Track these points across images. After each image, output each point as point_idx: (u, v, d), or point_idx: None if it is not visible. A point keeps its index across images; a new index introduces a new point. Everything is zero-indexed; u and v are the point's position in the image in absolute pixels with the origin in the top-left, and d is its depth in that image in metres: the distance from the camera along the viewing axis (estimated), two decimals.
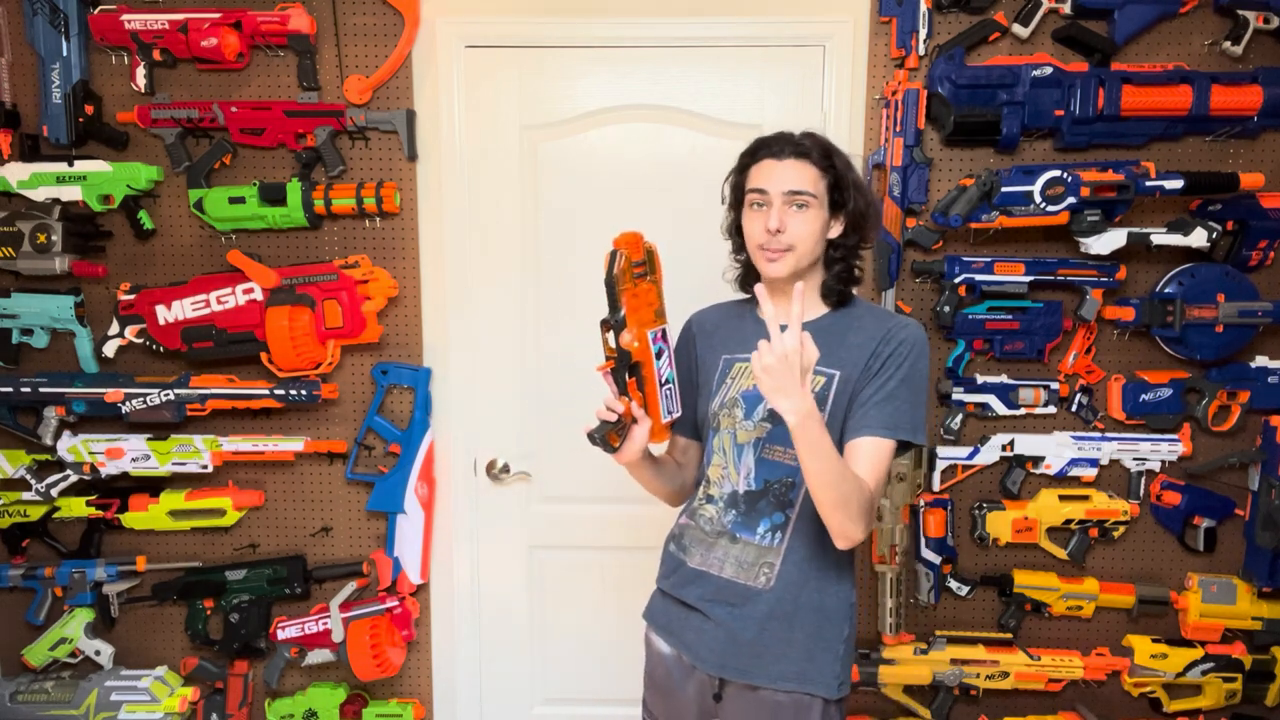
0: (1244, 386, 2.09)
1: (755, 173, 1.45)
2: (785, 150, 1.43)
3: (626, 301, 1.37)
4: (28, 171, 2.04)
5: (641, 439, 1.43)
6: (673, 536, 1.59)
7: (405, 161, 2.14)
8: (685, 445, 1.63)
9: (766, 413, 1.45)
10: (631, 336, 1.38)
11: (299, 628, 2.15)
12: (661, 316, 1.44)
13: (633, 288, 1.38)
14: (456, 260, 2.18)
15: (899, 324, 1.44)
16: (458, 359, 2.21)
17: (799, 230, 1.41)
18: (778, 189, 1.41)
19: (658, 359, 1.42)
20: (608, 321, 1.39)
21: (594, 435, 1.40)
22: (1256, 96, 1.98)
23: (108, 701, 2.12)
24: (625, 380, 1.41)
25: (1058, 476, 2.14)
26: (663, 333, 1.44)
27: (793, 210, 1.41)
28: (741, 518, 1.46)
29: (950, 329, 2.09)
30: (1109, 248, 2.00)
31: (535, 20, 2.12)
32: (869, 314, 1.49)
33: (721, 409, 1.50)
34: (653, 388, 1.42)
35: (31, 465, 2.15)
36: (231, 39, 2.03)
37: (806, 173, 1.42)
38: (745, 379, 1.49)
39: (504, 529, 2.28)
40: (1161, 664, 2.14)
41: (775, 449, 1.44)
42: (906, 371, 1.40)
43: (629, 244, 1.38)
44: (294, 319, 2.04)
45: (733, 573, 1.45)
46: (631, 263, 1.38)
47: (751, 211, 1.45)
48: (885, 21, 2.05)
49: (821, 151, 1.44)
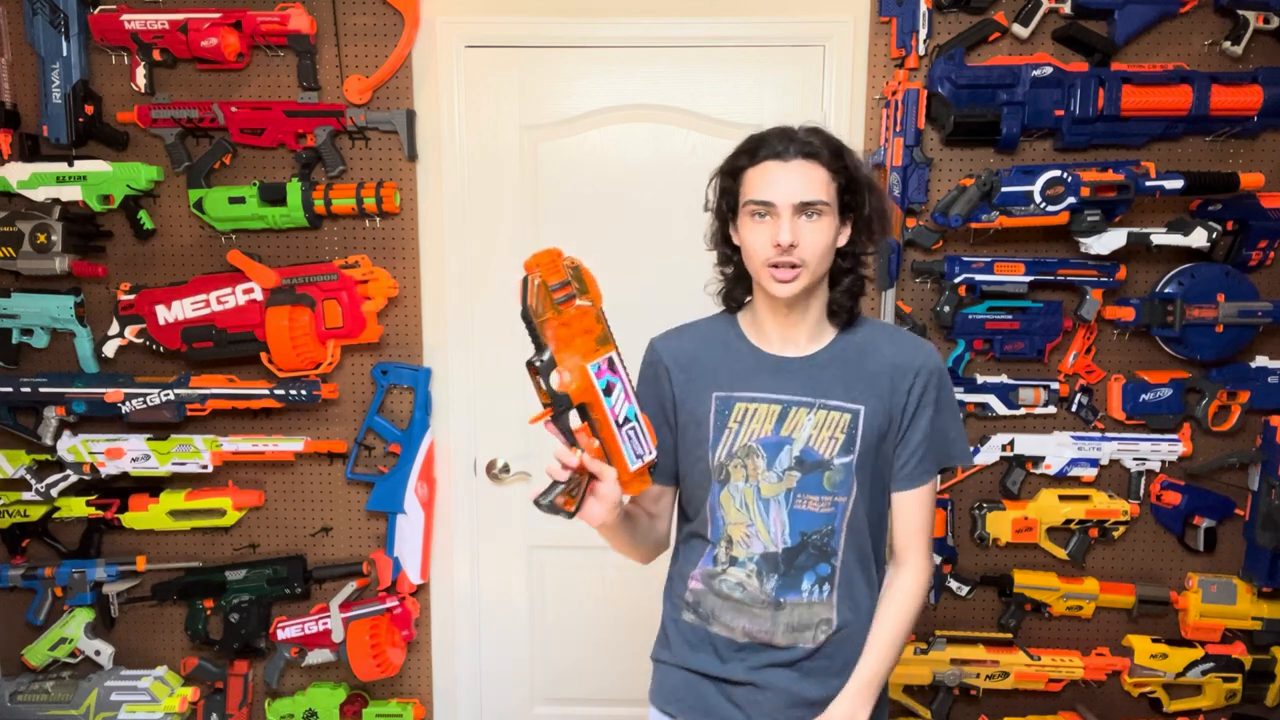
0: (1244, 386, 2.09)
1: (756, 179, 1.26)
2: (790, 150, 1.25)
3: (553, 335, 1.17)
4: (28, 171, 2.04)
5: (610, 495, 1.22)
6: (683, 602, 1.40)
7: (405, 161, 2.14)
8: (659, 493, 1.43)
9: (794, 460, 1.30)
10: (569, 377, 1.18)
11: (299, 628, 2.15)
12: (607, 343, 1.22)
13: (557, 317, 1.17)
14: (456, 260, 2.18)
15: (917, 353, 1.33)
16: (458, 359, 2.21)
17: (813, 243, 1.24)
18: (787, 200, 1.23)
19: (608, 395, 1.20)
20: (533, 364, 1.17)
21: (541, 502, 1.19)
22: (1256, 96, 1.98)
23: (108, 701, 2.12)
24: (570, 429, 1.20)
25: (1058, 476, 2.14)
26: (609, 362, 1.21)
27: (804, 220, 1.24)
28: (783, 580, 1.31)
29: (950, 329, 2.09)
30: (1109, 248, 2.00)
31: (535, 20, 2.12)
32: (881, 335, 1.36)
33: (731, 459, 1.32)
34: (609, 431, 1.21)
35: (31, 465, 2.15)
36: (231, 39, 2.03)
37: (817, 177, 1.25)
38: (756, 422, 1.31)
39: (504, 529, 2.28)
40: (1161, 664, 2.14)
41: (808, 499, 1.30)
42: (937, 405, 1.33)
43: (543, 265, 1.16)
44: (294, 319, 2.04)
45: (786, 639, 1.31)
46: (549, 286, 1.15)
47: (753, 222, 1.27)
48: (885, 21, 2.05)
49: (832, 151, 1.27)
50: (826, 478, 1.30)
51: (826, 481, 1.30)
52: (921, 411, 1.32)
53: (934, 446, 1.33)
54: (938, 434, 1.33)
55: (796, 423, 1.30)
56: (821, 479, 1.30)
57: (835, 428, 1.29)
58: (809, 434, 1.30)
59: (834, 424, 1.29)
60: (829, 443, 1.30)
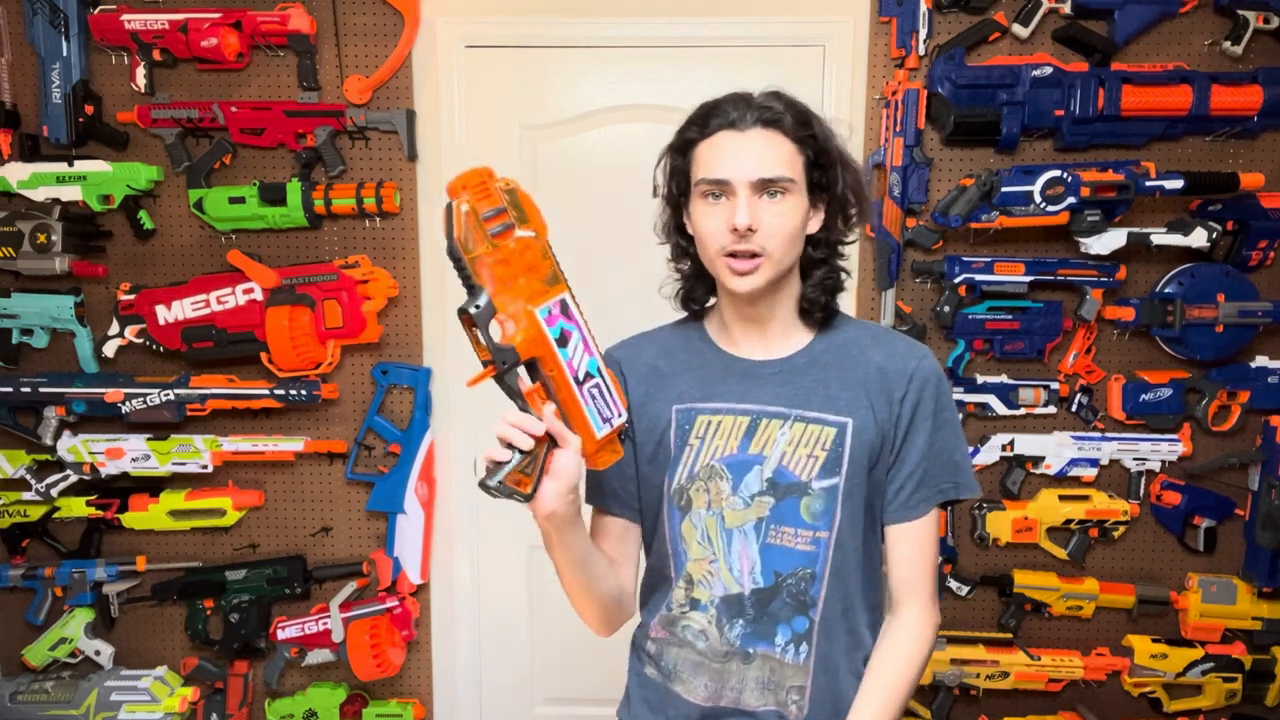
0: (1244, 386, 2.09)
1: (706, 153, 1.08)
2: (747, 118, 1.06)
3: (490, 275, 0.93)
4: (28, 171, 2.04)
5: (568, 470, 0.98)
6: (644, 654, 1.20)
7: (405, 161, 2.14)
8: (621, 531, 1.19)
9: (765, 483, 1.09)
10: (512, 326, 0.94)
11: (299, 628, 2.15)
12: (557, 282, 0.98)
13: (493, 252, 0.93)
14: None
15: (909, 356, 1.12)
16: (458, 359, 2.21)
17: (775, 227, 1.04)
18: (743, 176, 1.03)
19: (563, 346, 0.97)
20: (466, 311, 0.93)
21: (490, 484, 0.95)
22: (1256, 96, 1.98)
23: (108, 701, 2.12)
24: (518, 389, 0.97)
25: (1058, 476, 2.14)
26: (562, 305, 0.98)
27: (765, 200, 1.04)
28: (752, 627, 1.10)
29: (950, 329, 2.09)
30: (1109, 248, 2.00)
31: (535, 20, 2.12)
32: (866, 336, 1.16)
33: (692, 482, 1.12)
34: (568, 391, 0.98)
35: (31, 465, 2.15)
36: (231, 39, 2.03)
37: (779, 149, 1.05)
38: (720, 437, 1.11)
39: (504, 529, 2.28)
40: (1161, 664, 2.14)
41: (783, 532, 1.09)
42: (936, 420, 1.11)
43: (471, 187, 0.92)
44: (294, 319, 2.04)
45: (756, 700, 1.10)
46: (480, 215, 0.92)
47: (705, 204, 1.08)
48: (885, 21, 2.05)
49: (797, 117, 1.07)
50: (805, 505, 1.09)
51: (805, 510, 1.09)
52: (917, 427, 1.10)
53: (934, 471, 1.12)
54: (938, 456, 1.11)
55: (768, 437, 1.10)
56: (798, 507, 1.08)
57: (815, 443, 1.09)
58: (783, 451, 1.09)
59: (813, 439, 1.09)
60: (807, 462, 1.09)
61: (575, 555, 1.10)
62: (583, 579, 1.13)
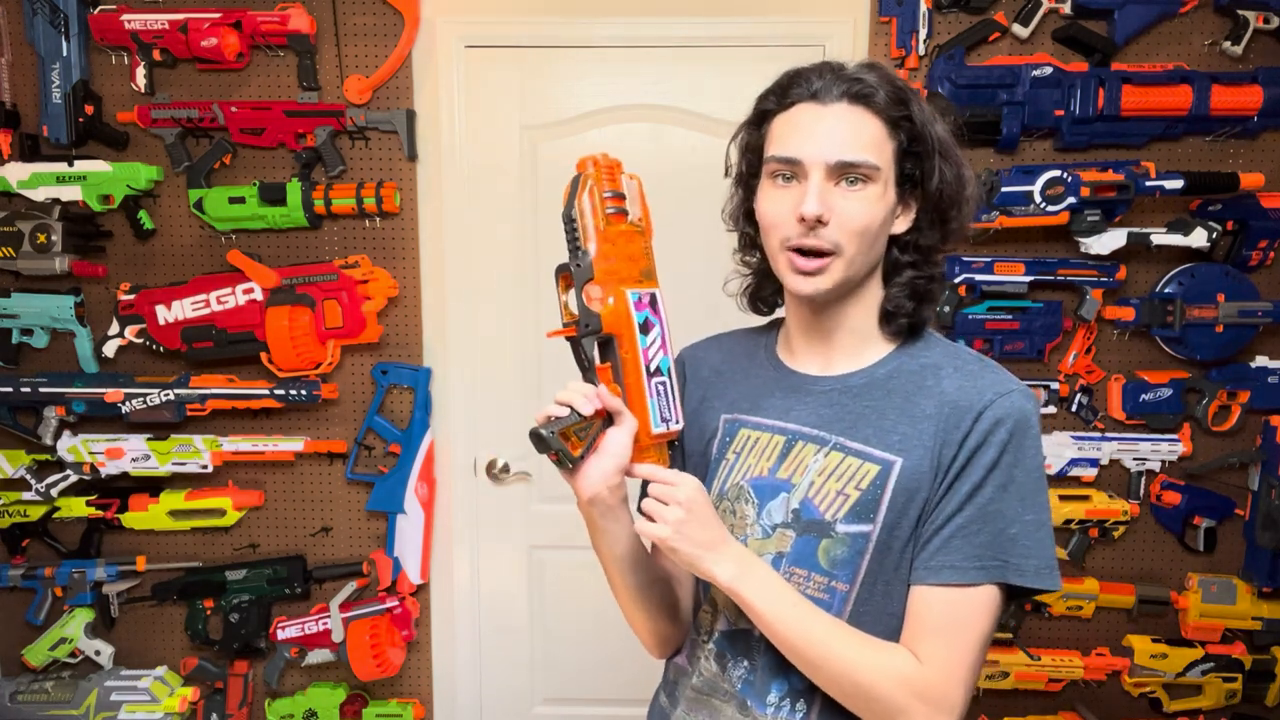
0: (1244, 386, 2.09)
1: (781, 127, 0.94)
2: (832, 90, 0.90)
3: (599, 244, 0.94)
4: (28, 171, 2.04)
5: (618, 451, 0.92)
6: (665, 677, 1.12)
7: (405, 161, 2.13)
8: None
9: (790, 514, 0.95)
10: (604, 293, 0.94)
11: (299, 628, 2.15)
12: (651, 278, 0.99)
13: (604, 229, 0.95)
14: (456, 260, 2.18)
15: (986, 390, 0.90)
16: (458, 359, 2.21)
17: (851, 221, 0.89)
18: (819, 157, 0.89)
19: (644, 334, 0.96)
20: (565, 269, 0.95)
21: (540, 433, 0.91)
22: (1256, 96, 1.98)
23: (108, 701, 2.12)
24: (591, 360, 0.97)
25: (1058, 476, 2.14)
26: (652, 299, 0.98)
27: (841, 188, 0.90)
28: (753, 675, 0.97)
29: (950, 329, 2.09)
30: (1109, 248, 2.00)
31: (535, 20, 2.12)
32: (950, 363, 0.95)
33: (720, 501, 1.01)
34: (637, 376, 0.96)
35: (31, 465, 2.15)
36: (231, 39, 2.02)
37: (866, 129, 0.90)
38: (756, 456, 0.99)
39: (504, 529, 2.28)
40: (1161, 664, 2.14)
41: (796, 573, 0.94)
42: (996, 471, 0.88)
43: (601, 165, 0.97)
44: (294, 319, 2.05)
45: None
46: (602, 193, 0.95)
47: (773, 186, 0.93)
48: (885, 21, 2.05)
49: (892, 95, 0.91)
50: (823, 549, 0.93)
51: (822, 555, 0.93)
52: (967, 474, 0.88)
53: (975, 535, 0.88)
54: (988, 519, 0.87)
55: (800, 463, 0.96)
56: (816, 549, 0.92)
57: (849, 479, 0.92)
58: (811, 480, 0.94)
59: (849, 474, 0.92)
60: (836, 499, 0.92)
61: (619, 551, 1.00)
62: (631, 583, 1.03)
